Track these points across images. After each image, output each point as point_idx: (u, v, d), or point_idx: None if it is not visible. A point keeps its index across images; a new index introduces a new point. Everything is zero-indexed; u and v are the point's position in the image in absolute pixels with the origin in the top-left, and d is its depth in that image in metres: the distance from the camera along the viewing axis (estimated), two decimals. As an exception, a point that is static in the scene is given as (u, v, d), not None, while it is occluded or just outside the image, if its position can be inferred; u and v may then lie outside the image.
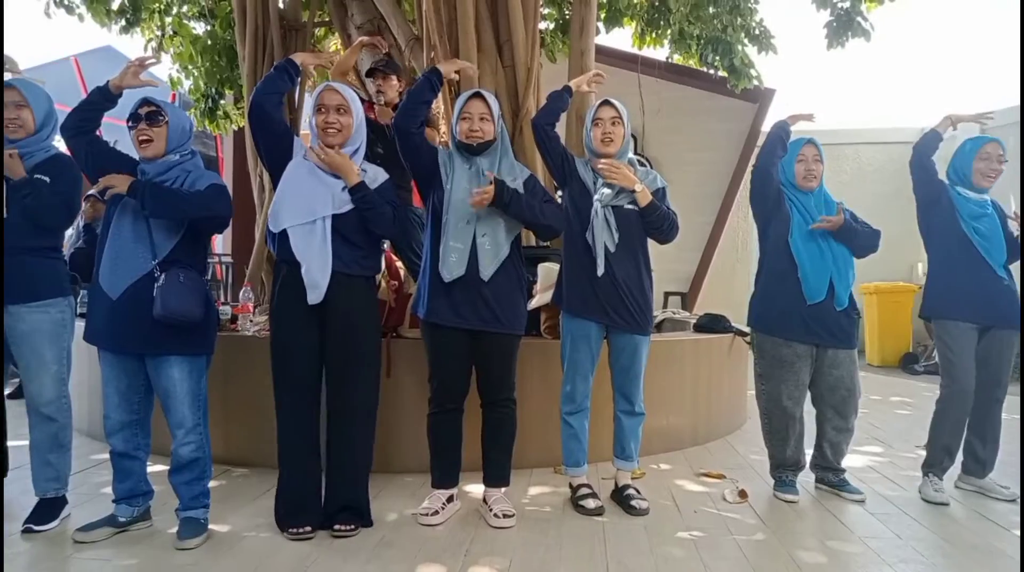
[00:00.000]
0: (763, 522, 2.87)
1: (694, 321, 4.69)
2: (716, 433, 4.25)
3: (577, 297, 2.90)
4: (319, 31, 7.09)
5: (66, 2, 6.63)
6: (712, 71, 6.88)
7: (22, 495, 2.92)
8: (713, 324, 4.44)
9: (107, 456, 2.65)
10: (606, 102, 2.89)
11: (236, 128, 7.69)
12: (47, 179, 2.60)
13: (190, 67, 6.84)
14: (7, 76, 2.81)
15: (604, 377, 3.02)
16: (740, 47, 6.57)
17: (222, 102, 7.36)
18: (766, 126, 8.89)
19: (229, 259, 8.83)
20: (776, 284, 3.14)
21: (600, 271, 2.82)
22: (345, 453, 2.65)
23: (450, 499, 2.84)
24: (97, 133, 2.67)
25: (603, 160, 2.86)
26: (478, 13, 4.56)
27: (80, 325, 2.80)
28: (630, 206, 2.88)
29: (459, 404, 2.82)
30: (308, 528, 2.57)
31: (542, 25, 6.52)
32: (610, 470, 3.15)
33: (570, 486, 3.03)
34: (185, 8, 7.17)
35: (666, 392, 3.85)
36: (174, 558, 2.40)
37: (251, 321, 3.74)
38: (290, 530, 2.57)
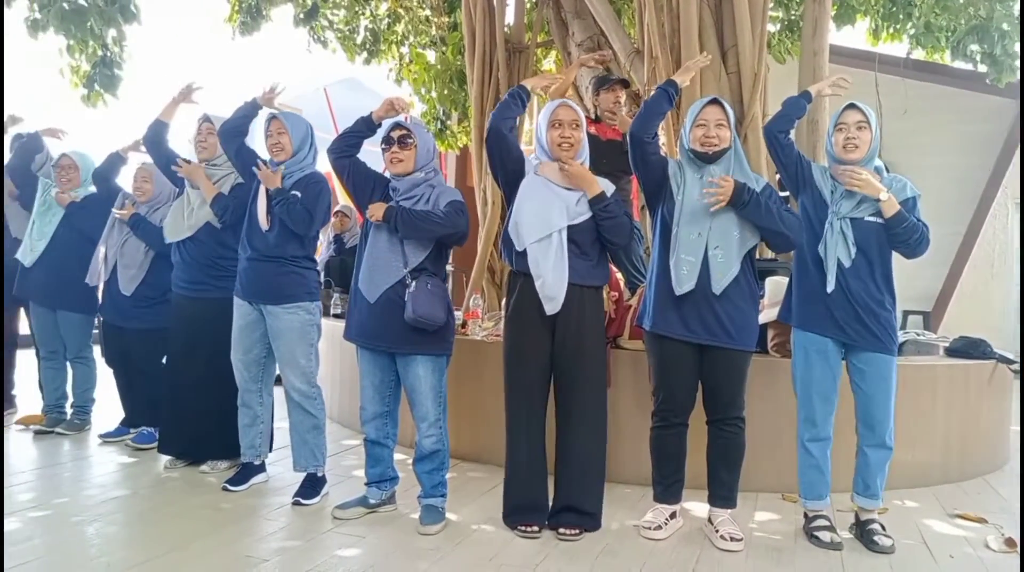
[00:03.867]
0: (1040, 578, 2.50)
1: (946, 344, 4.20)
2: (972, 471, 3.76)
3: (809, 313, 2.72)
4: (539, 51, 7.38)
5: (320, 38, 7.61)
6: (973, 64, 6.13)
7: (288, 472, 3.34)
8: (970, 349, 3.94)
9: (355, 443, 2.96)
10: (852, 105, 2.69)
11: (460, 146, 8.22)
12: (299, 194, 2.98)
13: (423, 92, 7.45)
14: (268, 110, 3.24)
15: (840, 399, 2.79)
16: (1007, 31, 5.80)
17: (448, 122, 7.93)
18: (1031, 125, 7.77)
19: (451, 267, 9.43)
20: None
21: (830, 287, 2.64)
22: (572, 456, 2.71)
23: (673, 515, 2.80)
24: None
25: (844, 167, 2.67)
26: (702, 21, 4.48)
27: (335, 324, 3.17)
28: (871, 218, 2.65)
29: (684, 419, 2.76)
30: (536, 527, 2.68)
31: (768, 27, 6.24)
32: (845, 501, 2.91)
33: (804, 515, 2.84)
34: (417, 38, 7.85)
35: (913, 422, 3.48)
36: (417, 541, 2.62)
37: (480, 326, 3.96)
38: (519, 527, 2.68)
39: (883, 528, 2.73)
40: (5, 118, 4.33)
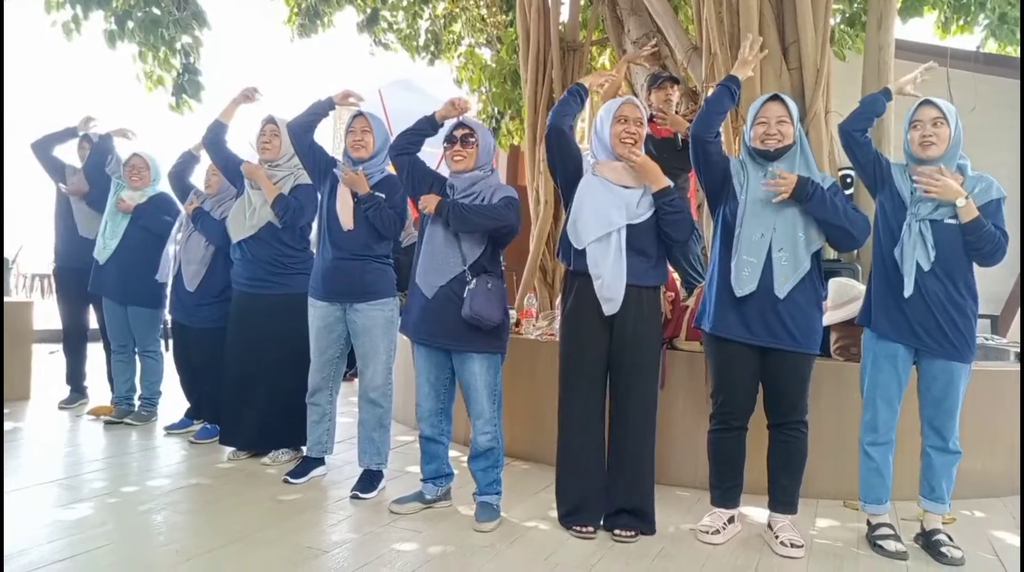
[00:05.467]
0: (1123, 598, 2.37)
1: (1016, 349, 4.03)
2: (1045, 483, 3.60)
3: (884, 317, 2.64)
4: (594, 49, 7.35)
5: (382, 42, 7.75)
6: None
7: (346, 465, 3.42)
8: (1045, 354, 3.78)
9: (410, 439, 2.99)
10: (926, 102, 2.60)
11: (513, 144, 8.25)
12: (383, 196, 3.02)
13: (481, 91, 7.51)
14: (356, 107, 3.28)
15: (906, 405, 2.71)
16: None
17: (502, 121, 7.96)
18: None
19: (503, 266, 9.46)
20: None
21: (908, 292, 2.55)
22: (626, 457, 2.69)
23: (731, 520, 2.75)
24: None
25: (921, 168, 2.58)
26: (762, 15, 4.38)
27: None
28: (951, 220, 2.56)
29: (743, 422, 2.72)
30: (591, 528, 2.67)
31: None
32: (911, 509, 2.83)
33: (868, 523, 2.76)
34: (475, 36, 7.91)
35: (982, 430, 3.35)
36: (473, 538, 2.63)
37: (534, 325, 3.96)
38: (575, 528, 2.68)
39: (950, 539, 2.64)
40: (79, 121, 4.51)
